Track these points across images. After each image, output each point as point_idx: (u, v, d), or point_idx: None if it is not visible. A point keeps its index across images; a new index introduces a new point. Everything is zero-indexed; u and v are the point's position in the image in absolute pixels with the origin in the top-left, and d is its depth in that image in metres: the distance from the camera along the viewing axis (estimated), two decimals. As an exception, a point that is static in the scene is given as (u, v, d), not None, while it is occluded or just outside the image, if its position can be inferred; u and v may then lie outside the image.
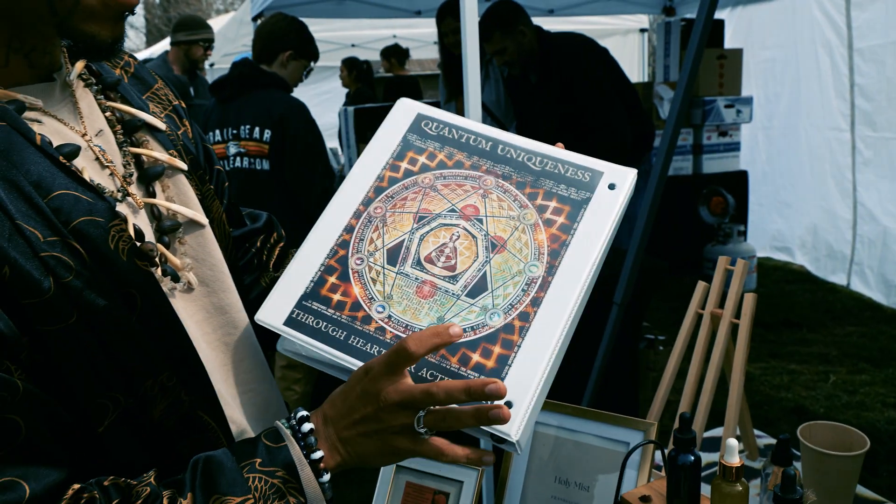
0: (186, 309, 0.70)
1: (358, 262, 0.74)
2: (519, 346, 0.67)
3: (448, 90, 3.79)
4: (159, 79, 0.82)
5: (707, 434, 1.47)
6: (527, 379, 0.65)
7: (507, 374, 0.66)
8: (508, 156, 0.79)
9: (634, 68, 6.46)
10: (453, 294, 0.71)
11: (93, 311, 0.59)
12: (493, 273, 0.72)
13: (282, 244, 0.96)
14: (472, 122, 0.83)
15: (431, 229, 0.75)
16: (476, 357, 0.67)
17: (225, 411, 0.70)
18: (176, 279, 0.69)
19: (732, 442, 0.84)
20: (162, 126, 0.74)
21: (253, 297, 0.87)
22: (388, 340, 0.69)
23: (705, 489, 0.97)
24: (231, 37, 6.09)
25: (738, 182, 4.56)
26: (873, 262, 4.18)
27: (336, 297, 0.72)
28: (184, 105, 0.83)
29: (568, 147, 0.81)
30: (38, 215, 0.58)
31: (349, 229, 0.76)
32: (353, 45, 6.99)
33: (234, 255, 0.83)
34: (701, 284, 1.44)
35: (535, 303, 0.70)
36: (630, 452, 0.98)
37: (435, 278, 0.72)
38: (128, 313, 0.62)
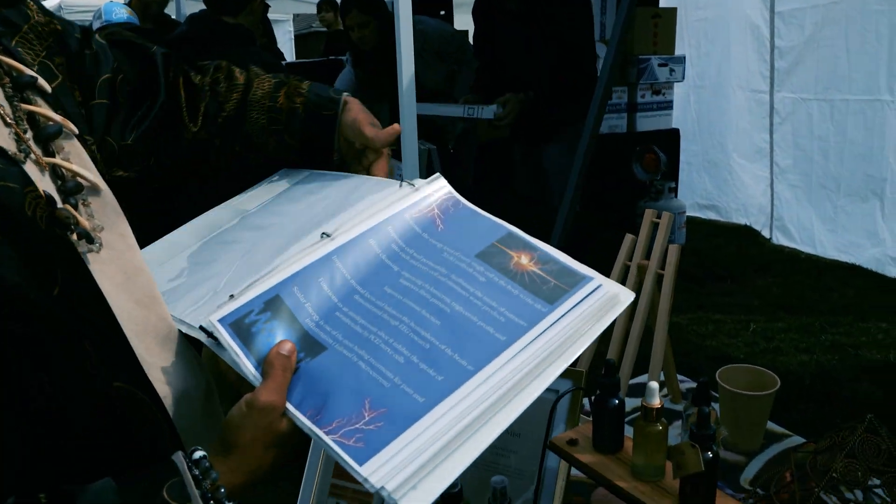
0: (104, 272, 0.63)
1: None
2: None
3: (359, 81, 3.71)
4: (36, 11, 0.72)
5: (634, 381, 1.54)
6: None
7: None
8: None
9: (572, 25, 6.47)
10: None
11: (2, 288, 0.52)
12: None
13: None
14: None
15: None
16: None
17: (156, 388, 0.63)
18: (91, 240, 0.62)
19: (653, 385, 0.89)
20: (47, 87, 0.67)
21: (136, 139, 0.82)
22: None
23: (629, 431, 1.02)
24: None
25: (670, 140, 4.67)
26: (792, 217, 4.41)
27: None
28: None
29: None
30: None
31: None
32: None
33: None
34: (628, 237, 1.48)
35: None
36: (559, 399, 1.02)
37: None
38: (47, 289, 0.55)
